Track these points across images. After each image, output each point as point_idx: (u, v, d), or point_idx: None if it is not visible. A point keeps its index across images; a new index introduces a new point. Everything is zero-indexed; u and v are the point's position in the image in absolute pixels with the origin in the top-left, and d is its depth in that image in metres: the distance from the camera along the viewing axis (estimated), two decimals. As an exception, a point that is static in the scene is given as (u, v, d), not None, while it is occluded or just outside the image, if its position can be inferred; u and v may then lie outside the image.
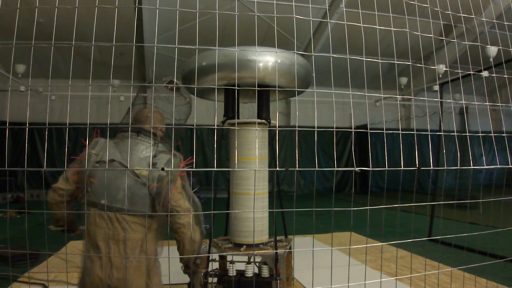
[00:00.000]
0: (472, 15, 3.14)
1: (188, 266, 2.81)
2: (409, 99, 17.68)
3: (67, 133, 3.20)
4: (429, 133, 2.65)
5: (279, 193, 3.73)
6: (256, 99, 3.65)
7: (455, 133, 2.82)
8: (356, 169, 2.32)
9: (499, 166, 3.17)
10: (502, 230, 3.91)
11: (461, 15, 3.03)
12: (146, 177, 2.52)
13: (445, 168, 2.86)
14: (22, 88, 13.22)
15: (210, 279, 3.44)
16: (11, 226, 9.02)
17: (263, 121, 3.52)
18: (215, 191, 3.45)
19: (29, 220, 9.63)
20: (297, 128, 2.36)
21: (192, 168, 2.57)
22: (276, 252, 3.26)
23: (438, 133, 3.13)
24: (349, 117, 17.19)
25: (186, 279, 3.09)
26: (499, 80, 3.44)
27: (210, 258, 3.41)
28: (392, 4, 2.66)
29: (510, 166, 3.23)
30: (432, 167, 2.83)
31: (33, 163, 14.81)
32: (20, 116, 13.59)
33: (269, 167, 3.70)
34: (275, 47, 3.09)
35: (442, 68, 12.24)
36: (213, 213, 2.34)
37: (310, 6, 3.44)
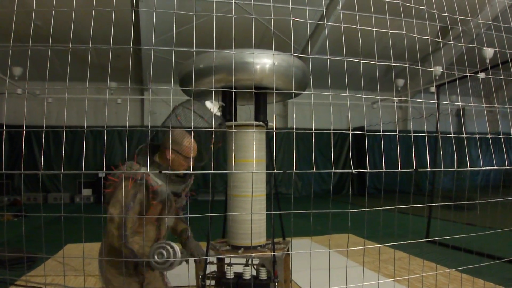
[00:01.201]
0: (469, 17, 3.15)
1: None
2: (406, 101, 17.72)
3: (64, 136, 3.19)
4: (426, 134, 2.65)
5: (277, 195, 3.73)
6: (254, 101, 3.65)
7: (452, 135, 2.83)
8: (354, 171, 2.32)
9: (496, 167, 3.18)
10: (499, 231, 3.91)
11: (458, 17, 3.04)
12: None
13: (442, 169, 2.87)
14: (19, 91, 13.22)
15: (208, 282, 3.44)
16: (8, 229, 9.00)
17: (261, 123, 3.52)
18: (212, 193, 3.44)
19: (26, 223, 9.61)
20: (294, 130, 2.36)
21: (190, 170, 2.57)
22: (274, 254, 3.26)
23: (435, 134, 3.14)
24: (346, 119, 17.23)
25: (184, 281, 3.09)
26: (495, 81, 3.46)
27: (208, 260, 3.41)
28: (388, 6, 2.67)
29: (507, 167, 3.24)
30: (429, 169, 2.83)
31: (30, 166, 14.80)
32: (17, 119, 13.60)
33: (266, 169, 3.70)
34: (272, 49, 3.10)
35: (438, 70, 12.26)
36: (210, 215, 2.34)
37: (307, 8, 3.45)
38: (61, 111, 14.86)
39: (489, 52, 9.68)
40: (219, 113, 3.08)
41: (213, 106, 3.01)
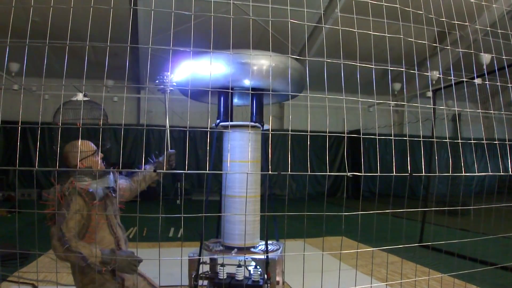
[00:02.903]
0: (466, 22, 3.16)
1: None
2: (402, 105, 17.76)
3: (60, 133, 3.19)
4: (421, 139, 2.66)
5: (271, 197, 3.73)
6: (250, 102, 3.65)
7: (448, 140, 2.83)
8: (348, 174, 2.33)
9: (490, 173, 3.18)
10: (493, 237, 3.92)
11: (455, 22, 3.05)
12: None
13: (437, 174, 2.88)
14: (16, 87, 13.17)
15: (200, 282, 3.44)
16: (2, 225, 8.97)
17: (256, 124, 3.52)
18: (207, 193, 3.44)
19: (20, 219, 9.58)
20: (290, 132, 2.36)
21: (185, 170, 2.56)
22: (267, 256, 3.26)
23: (430, 139, 3.14)
24: (342, 122, 17.23)
25: (177, 281, 3.09)
26: (492, 87, 3.46)
27: (201, 260, 3.41)
28: (386, 10, 2.67)
29: (502, 173, 3.24)
30: (424, 174, 2.84)
31: (25, 162, 14.74)
32: (13, 115, 13.53)
33: (261, 171, 3.70)
34: (269, 50, 3.10)
35: (435, 74, 12.29)
36: (204, 215, 2.34)
37: (305, 10, 3.45)
38: (57, 107, 14.76)
39: (486, 58, 9.72)
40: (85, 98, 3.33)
41: (80, 96, 3.22)
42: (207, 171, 2.23)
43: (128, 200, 3.41)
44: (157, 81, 3.28)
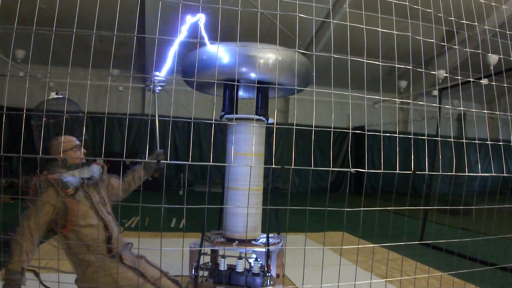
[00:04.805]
0: (475, 22, 3.14)
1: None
2: (408, 103, 17.72)
3: (64, 121, 3.22)
4: (426, 137, 2.65)
5: (274, 190, 3.74)
6: (255, 96, 3.65)
7: (452, 139, 2.83)
8: (352, 170, 2.33)
9: (494, 174, 3.18)
10: (493, 237, 3.92)
11: (464, 22, 3.04)
12: None
13: (440, 173, 2.87)
14: (21, 74, 13.19)
15: (201, 272, 3.45)
16: (4, 211, 8.99)
17: (261, 117, 3.52)
18: (209, 185, 3.45)
19: (23, 206, 9.58)
20: (294, 127, 2.36)
21: (188, 161, 2.57)
22: (268, 249, 3.27)
23: (435, 138, 3.14)
24: (347, 118, 17.22)
25: (177, 271, 3.10)
26: (498, 88, 3.45)
27: (202, 251, 3.42)
28: (395, 7, 2.66)
29: (505, 174, 3.24)
30: (427, 172, 2.84)
31: (29, 149, 14.76)
32: (18, 101, 13.58)
33: (265, 164, 3.70)
34: (276, 44, 3.09)
35: (442, 73, 12.24)
36: (206, 207, 2.34)
37: (314, 5, 3.44)
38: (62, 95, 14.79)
39: (493, 58, 9.67)
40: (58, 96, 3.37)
41: (54, 95, 3.27)
42: (210, 163, 2.24)
43: (122, 199, 3.44)
44: (148, 81, 3.30)
